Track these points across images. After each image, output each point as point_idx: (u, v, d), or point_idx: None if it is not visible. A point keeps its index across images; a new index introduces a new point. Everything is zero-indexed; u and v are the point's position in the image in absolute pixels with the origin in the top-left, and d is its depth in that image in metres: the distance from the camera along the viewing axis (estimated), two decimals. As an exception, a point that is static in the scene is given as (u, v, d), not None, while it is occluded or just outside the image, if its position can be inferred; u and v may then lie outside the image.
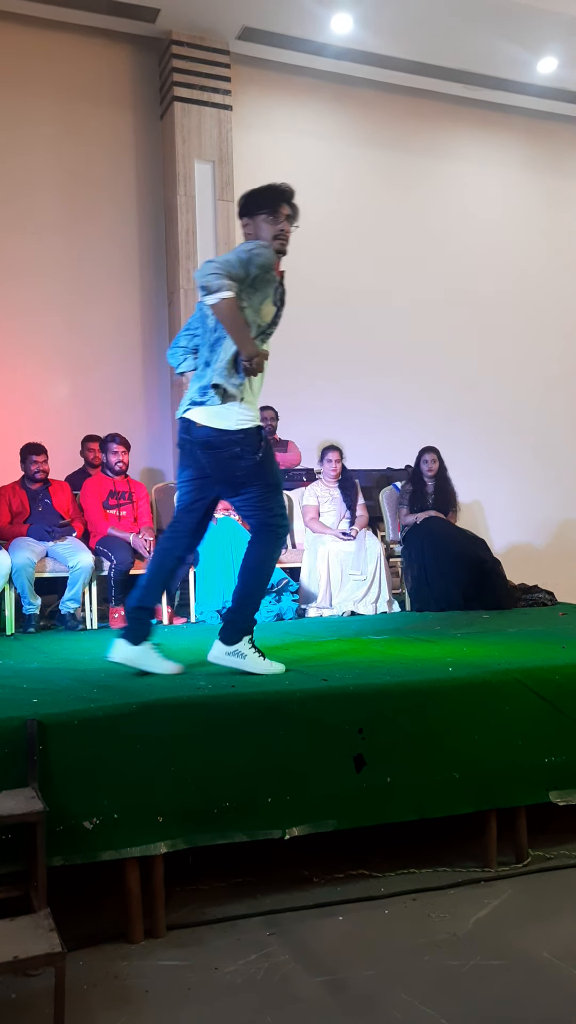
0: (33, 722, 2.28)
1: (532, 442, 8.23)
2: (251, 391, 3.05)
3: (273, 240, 3.04)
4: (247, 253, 2.96)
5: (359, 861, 2.72)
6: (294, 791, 2.51)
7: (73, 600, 5.11)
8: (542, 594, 5.76)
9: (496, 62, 7.49)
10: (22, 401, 6.57)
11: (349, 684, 2.72)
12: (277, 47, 7.12)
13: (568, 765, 2.81)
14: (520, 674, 2.84)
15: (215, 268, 2.89)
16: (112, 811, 2.31)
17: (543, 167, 8.49)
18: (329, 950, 2.21)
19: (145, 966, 2.15)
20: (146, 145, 7.10)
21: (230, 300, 2.88)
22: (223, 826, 2.43)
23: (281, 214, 3.06)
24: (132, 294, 7.01)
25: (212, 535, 5.47)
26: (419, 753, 2.66)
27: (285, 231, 3.07)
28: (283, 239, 3.06)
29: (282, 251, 3.07)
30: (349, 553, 5.49)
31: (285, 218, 3.07)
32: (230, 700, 2.54)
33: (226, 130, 6.99)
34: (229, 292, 2.88)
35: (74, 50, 6.83)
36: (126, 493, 5.51)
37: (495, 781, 2.72)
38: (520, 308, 8.31)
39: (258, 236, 3.07)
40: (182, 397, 3.14)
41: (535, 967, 2.10)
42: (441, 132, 8.08)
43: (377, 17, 6.78)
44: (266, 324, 3.07)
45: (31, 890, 2.16)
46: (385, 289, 7.74)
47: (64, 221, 6.81)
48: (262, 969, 2.11)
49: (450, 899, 2.50)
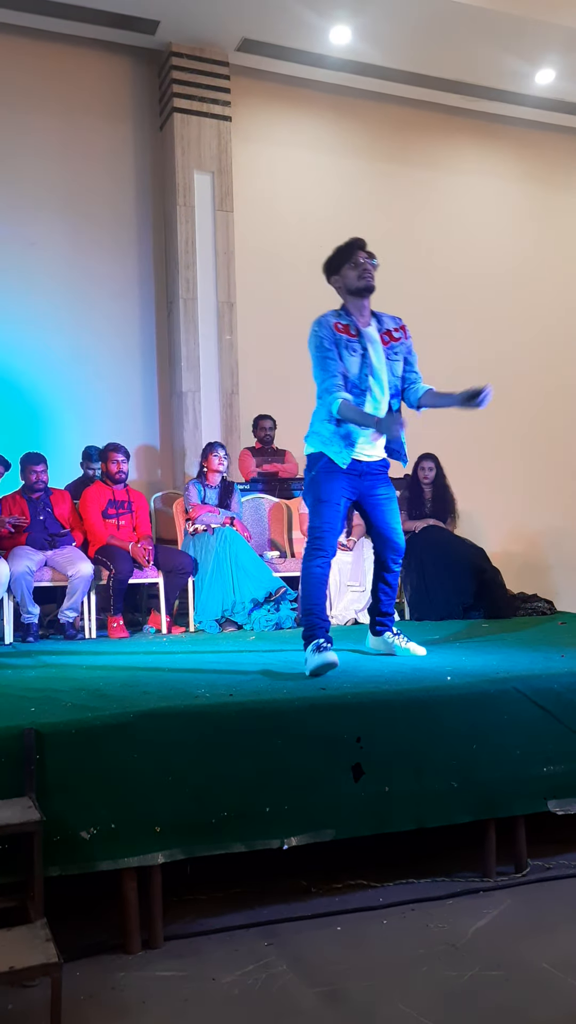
0: (31, 731, 2.28)
1: (531, 451, 8.23)
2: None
3: (358, 280, 3.45)
4: (311, 348, 3.48)
5: (357, 871, 2.71)
6: (292, 801, 2.50)
7: (72, 609, 5.10)
8: (541, 603, 5.76)
9: (494, 73, 7.53)
10: (22, 410, 6.58)
11: (348, 693, 2.72)
12: (276, 59, 7.15)
13: (567, 774, 2.81)
14: (519, 683, 2.84)
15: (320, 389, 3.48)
16: (109, 821, 2.30)
17: (541, 178, 8.51)
18: (327, 961, 2.20)
19: (142, 977, 2.14)
20: (145, 156, 7.13)
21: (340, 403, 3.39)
22: (221, 836, 2.42)
23: (359, 257, 3.46)
24: (131, 303, 7.03)
25: (210, 545, 5.47)
26: (418, 762, 2.65)
27: (366, 269, 3.45)
28: (366, 277, 3.46)
29: (370, 286, 3.48)
30: (347, 563, 5.50)
31: (364, 259, 3.47)
32: (228, 709, 2.54)
33: (225, 141, 7.02)
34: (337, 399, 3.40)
35: (74, 61, 6.86)
36: (125, 502, 5.51)
37: (494, 790, 2.71)
38: (517, 318, 8.33)
39: (345, 285, 3.48)
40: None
41: (534, 977, 2.09)
42: (439, 143, 8.12)
43: (376, 29, 6.82)
44: (355, 376, 3.46)
45: (28, 900, 2.15)
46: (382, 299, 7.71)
47: (64, 231, 6.82)
48: (260, 980, 2.10)
49: (449, 909, 2.49)
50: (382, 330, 3.57)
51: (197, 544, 5.53)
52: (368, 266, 3.46)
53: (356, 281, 3.45)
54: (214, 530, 5.52)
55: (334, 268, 3.52)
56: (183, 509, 5.82)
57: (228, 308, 6.93)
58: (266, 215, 7.23)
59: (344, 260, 3.48)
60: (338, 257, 3.50)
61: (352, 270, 3.45)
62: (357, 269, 3.44)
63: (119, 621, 5.17)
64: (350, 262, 3.46)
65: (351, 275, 3.46)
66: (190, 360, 6.81)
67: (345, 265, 3.47)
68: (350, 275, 3.46)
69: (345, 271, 3.47)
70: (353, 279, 3.46)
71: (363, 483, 3.58)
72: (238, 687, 2.87)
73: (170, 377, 7.00)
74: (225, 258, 6.94)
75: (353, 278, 3.45)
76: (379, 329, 3.56)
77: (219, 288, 6.91)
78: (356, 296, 3.50)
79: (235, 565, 5.41)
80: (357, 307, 3.52)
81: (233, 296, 6.94)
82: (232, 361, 6.91)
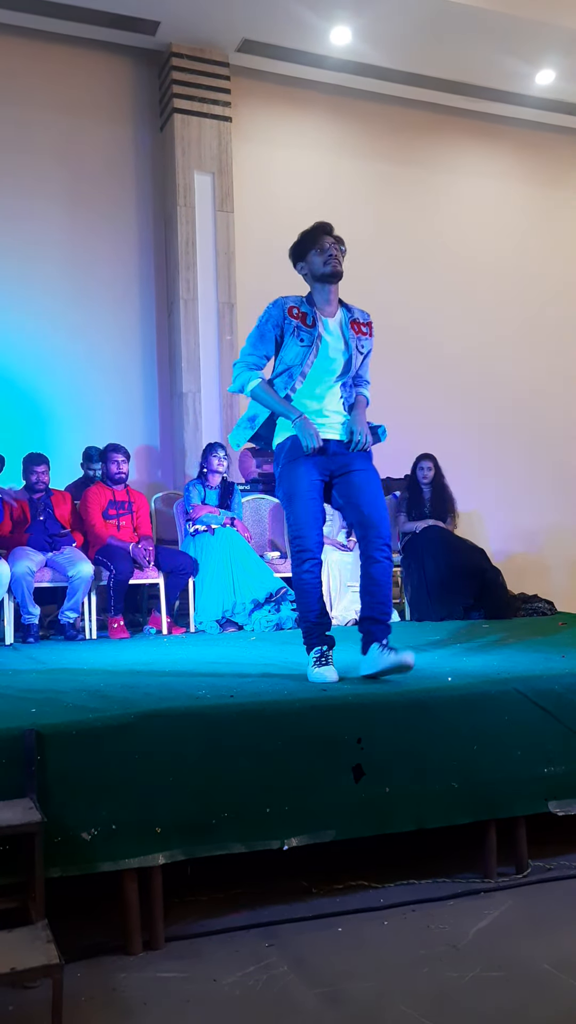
0: (32, 732, 2.28)
1: (531, 452, 8.23)
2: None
3: (323, 265, 3.29)
4: (258, 322, 3.36)
5: (358, 872, 2.71)
6: (293, 802, 2.50)
7: (73, 610, 5.11)
8: (542, 604, 5.76)
9: (494, 74, 7.53)
10: (23, 411, 6.58)
11: (348, 694, 2.72)
12: (276, 59, 7.16)
13: (568, 775, 2.81)
14: (519, 684, 2.84)
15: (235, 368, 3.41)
16: (110, 822, 2.30)
17: (541, 178, 8.51)
18: (328, 962, 2.20)
19: (143, 978, 2.14)
20: (146, 156, 7.13)
21: (259, 383, 3.32)
22: (222, 837, 2.42)
23: (326, 242, 3.32)
24: (132, 304, 7.03)
25: (211, 546, 5.47)
26: (418, 763, 2.65)
27: (332, 255, 3.30)
28: (332, 262, 3.29)
29: (336, 272, 3.31)
30: (348, 563, 5.50)
31: (331, 244, 3.32)
32: (229, 710, 2.54)
33: (226, 141, 7.02)
34: (255, 377, 3.33)
35: (74, 62, 6.86)
36: (126, 503, 5.51)
37: (494, 791, 2.71)
38: (518, 319, 8.33)
39: (311, 271, 3.34)
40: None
41: (536, 978, 2.09)
42: (439, 143, 8.12)
43: (376, 29, 6.82)
44: (295, 365, 3.29)
45: (29, 901, 2.15)
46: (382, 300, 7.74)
47: (64, 231, 6.82)
48: (261, 981, 2.10)
49: (450, 910, 2.49)
50: (351, 319, 3.38)
51: (197, 545, 5.53)
52: (334, 251, 3.30)
53: (321, 267, 3.29)
54: (214, 531, 5.52)
55: (300, 254, 3.37)
56: (183, 510, 5.82)
57: (228, 309, 6.93)
58: (266, 216, 7.23)
59: (310, 245, 3.33)
60: (304, 242, 3.36)
61: (318, 256, 3.30)
62: (323, 255, 3.29)
63: (120, 622, 5.17)
64: (316, 247, 3.31)
65: (316, 261, 3.30)
66: (190, 361, 6.81)
67: (311, 251, 3.32)
68: (315, 261, 3.31)
69: (311, 257, 3.32)
70: (319, 265, 3.30)
71: (334, 461, 3.28)
72: (239, 688, 2.87)
73: (170, 378, 7.01)
74: (225, 259, 6.94)
75: (319, 264, 3.30)
76: (348, 318, 3.37)
77: (219, 289, 6.91)
78: (322, 282, 3.33)
79: (235, 566, 5.41)
80: (323, 295, 3.34)
81: (233, 297, 6.95)
82: (232, 362, 6.91)
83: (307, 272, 3.36)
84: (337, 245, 3.33)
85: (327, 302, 3.35)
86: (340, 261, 3.32)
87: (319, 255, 3.30)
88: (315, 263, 3.31)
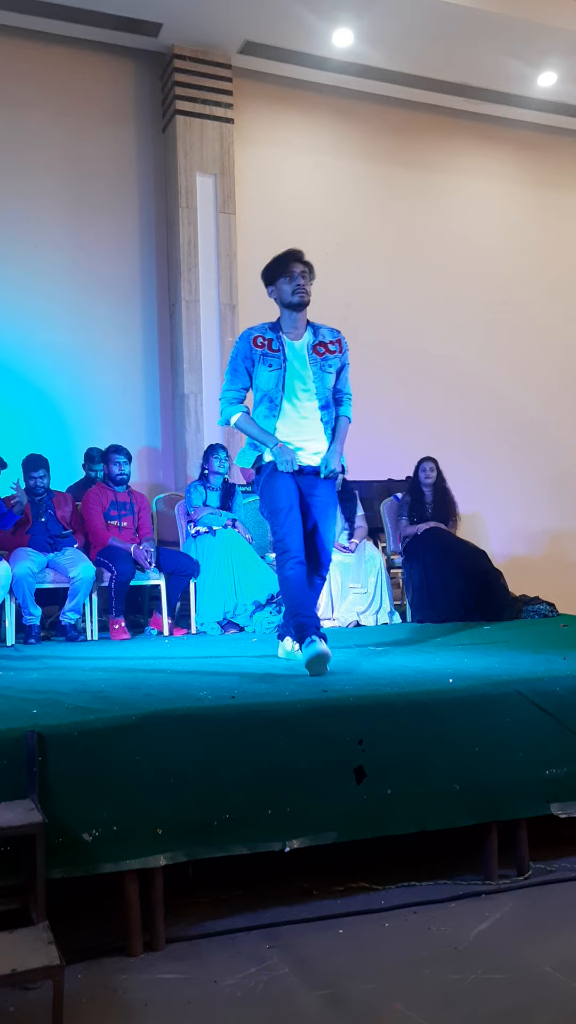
0: (33, 733, 2.28)
1: (533, 453, 8.23)
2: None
3: (292, 295, 3.45)
4: (230, 357, 3.56)
5: (359, 874, 2.71)
6: (294, 803, 2.50)
7: (74, 611, 5.11)
8: (543, 605, 5.75)
9: (496, 76, 7.54)
10: (25, 412, 6.59)
11: (350, 695, 2.71)
12: (279, 61, 7.17)
13: (569, 777, 2.80)
14: (521, 685, 2.84)
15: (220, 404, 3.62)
16: (112, 823, 2.30)
17: (543, 180, 8.52)
18: (329, 963, 2.20)
19: (144, 979, 2.14)
20: (148, 158, 7.14)
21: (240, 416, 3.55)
22: (223, 838, 2.42)
23: (295, 271, 3.46)
24: (133, 305, 7.04)
25: (212, 547, 5.47)
26: (420, 765, 2.65)
27: (300, 284, 3.45)
28: (300, 291, 3.45)
29: (303, 302, 3.47)
30: (349, 565, 5.50)
31: (299, 273, 3.46)
32: (230, 711, 2.53)
33: (228, 143, 7.03)
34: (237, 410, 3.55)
35: (77, 64, 6.87)
36: (127, 504, 5.51)
37: (496, 793, 2.71)
38: (520, 321, 8.33)
39: (279, 298, 3.49)
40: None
41: (537, 981, 2.09)
42: (441, 145, 8.12)
43: (378, 31, 6.83)
44: (271, 390, 3.48)
45: (30, 902, 2.15)
46: (385, 301, 7.77)
47: (66, 233, 6.84)
48: (262, 982, 2.10)
49: (451, 912, 2.48)
50: (316, 342, 3.53)
51: (199, 546, 5.53)
52: (303, 279, 3.45)
53: (290, 296, 3.46)
54: (215, 532, 5.52)
55: (270, 279, 3.52)
56: (184, 511, 5.82)
57: (230, 310, 6.93)
58: (268, 217, 7.24)
59: (280, 272, 3.47)
60: (274, 268, 3.50)
61: (287, 284, 3.46)
62: (291, 283, 3.45)
63: (121, 623, 5.17)
64: (285, 275, 3.46)
65: (286, 289, 3.46)
66: (192, 362, 6.81)
67: (280, 278, 3.48)
68: (284, 289, 3.47)
69: (280, 284, 3.48)
70: (287, 293, 3.46)
71: (303, 481, 3.53)
72: (240, 689, 2.87)
73: (172, 379, 7.01)
74: (227, 260, 6.95)
75: (287, 292, 3.46)
76: (313, 341, 3.53)
77: (221, 290, 6.92)
78: (290, 310, 3.50)
79: (237, 567, 5.41)
80: (290, 320, 3.52)
81: (235, 298, 6.95)
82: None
83: (276, 297, 3.52)
84: (306, 273, 3.47)
85: (293, 327, 3.52)
86: (308, 291, 3.47)
87: (288, 283, 3.46)
88: (284, 291, 3.47)
